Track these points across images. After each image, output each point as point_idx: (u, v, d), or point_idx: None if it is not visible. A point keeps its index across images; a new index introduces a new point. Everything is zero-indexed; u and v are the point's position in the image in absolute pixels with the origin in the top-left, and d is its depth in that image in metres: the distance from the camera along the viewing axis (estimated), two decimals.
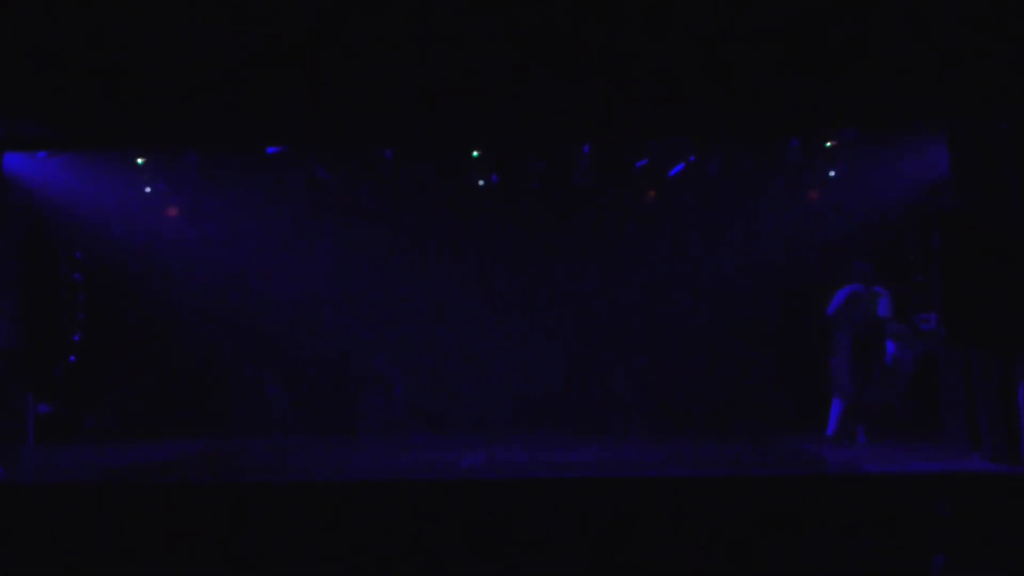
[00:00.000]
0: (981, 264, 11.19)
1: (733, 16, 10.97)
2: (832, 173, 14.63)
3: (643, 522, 9.60)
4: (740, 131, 13.26)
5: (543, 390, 15.66)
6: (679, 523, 9.60)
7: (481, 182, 15.32)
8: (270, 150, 14.23)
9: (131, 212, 15.40)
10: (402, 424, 15.42)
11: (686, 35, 11.12)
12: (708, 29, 11.07)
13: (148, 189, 15.17)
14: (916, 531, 9.35)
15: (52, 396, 14.82)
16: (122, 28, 11.13)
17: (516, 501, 9.81)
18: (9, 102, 11.58)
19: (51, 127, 12.11)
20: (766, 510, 9.64)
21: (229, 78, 11.42)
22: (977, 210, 11.56)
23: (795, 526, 9.52)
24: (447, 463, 11.84)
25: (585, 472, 10.80)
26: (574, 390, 15.66)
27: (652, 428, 15.10)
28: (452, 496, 9.90)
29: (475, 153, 14.54)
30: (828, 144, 14.04)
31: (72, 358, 15.44)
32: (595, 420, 15.36)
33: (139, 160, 14.55)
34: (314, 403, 15.69)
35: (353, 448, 13.72)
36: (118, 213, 15.31)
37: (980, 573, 8.89)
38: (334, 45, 11.29)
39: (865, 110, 11.76)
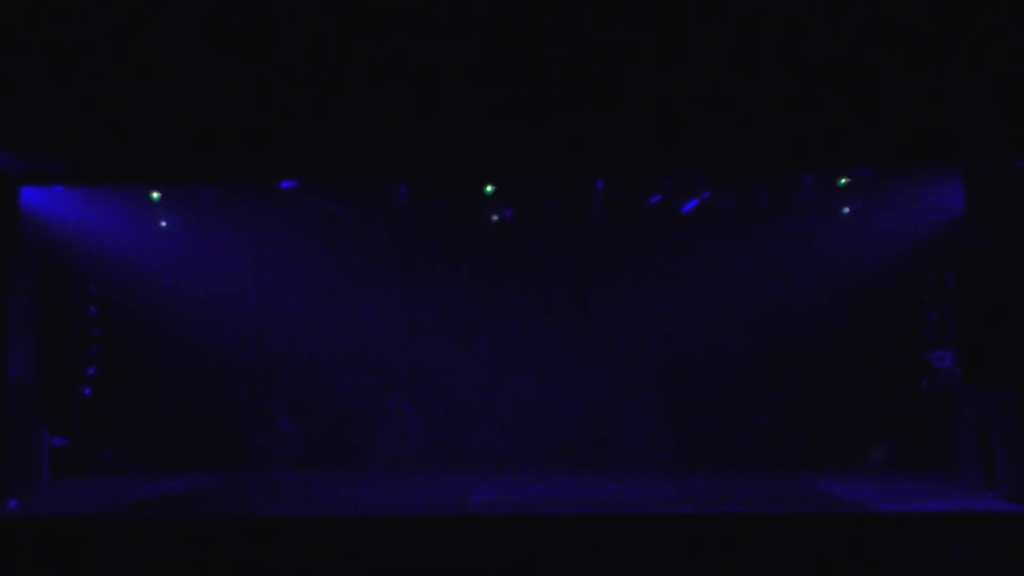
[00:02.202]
0: (997, 302, 11.18)
1: (747, 54, 11.03)
2: (846, 210, 14.62)
3: (656, 559, 9.57)
4: (755, 167, 13.27)
5: (557, 425, 15.61)
6: (692, 560, 9.56)
7: (495, 217, 15.34)
8: (284, 185, 14.29)
9: (146, 246, 15.45)
10: (415, 459, 15.39)
11: (701, 70, 11.17)
12: (723, 65, 11.12)
13: (164, 223, 15.24)
14: (930, 572, 9.30)
15: (67, 429, 14.81)
16: (137, 65, 11.23)
17: (529, 536, 9.79)
18: (26, 138, 11.68)
19: (67, 162, 12.19)
20: (779, 549, 9.60)
21: (244, 113, 11.51)
22: (993, 248, 11.55)
23: (808, 565, 9.47)
24: (460, 498, 11.82)
25: (598, 508, 10.76)
26: (588, 425, 15.61)
27: (666, 464, 15.04)
28: (465, 531, 9.88)
29: (489, 189, 14.57)
30: (842, 181, 14.03)
31: (87, 391, 15.46)
32: (609, 455, 15.31)
33: (154, 194, 14.61)
34: (327, 438, 15.67)
35: (366, 483, 13.69)
36: (133, 247, 15.36)
37: None
38: (349, 80, 11.37)
39: (880, 148, 11.77)
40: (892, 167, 13.29)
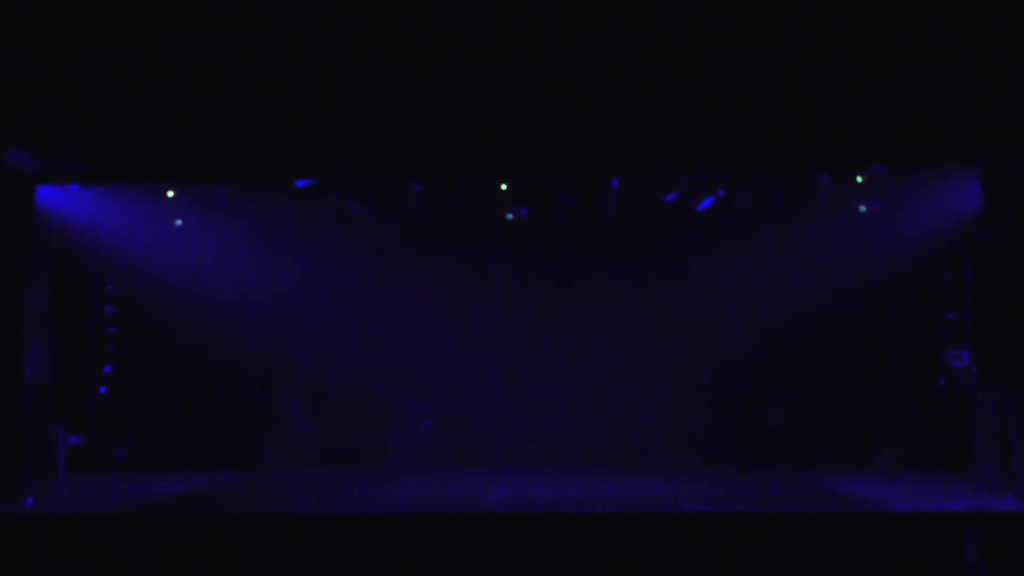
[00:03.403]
0: (1014, 301, 11.11)
1: (764, 51, 11.00)
2: (863, 208, 14.55)
3: (671, 558, 9.54)
4: (770, 165, 13.23)
5: (570, 424, 15.59)
6: (706, 559, 9.54)
7: (510, 216, 15.31)
8: (299, 184, 14.30)
9: (162, 245, 15.47)
10: (429, 458, 15.39)
11: (716, 69, 11.14)
12: (738, 64, 11.09)
13: (179, 222, 15.25)
14: (947, 571, 9.25)
15: (83, 427, 14.87)
16: (152, 65, 11.25)
17: (544, 535, 9.77)
18: (42, 137, 11.71)
19: (83, 161, 12.21)
20: (794, 548, 9.56)
21: (259, 112, 11.52)
22: (1010, 246, 11.48)
23: (824, 564, 9.43)
24: (473, 497, 11.82)
25: (613, 507, 10.74)
26: (601, 424, 15.59)
27: (679, 463, 15.00)
28: (479, 530, 9.87)
29: (504, 187, 14.57)
30: (859, 179, 13.97)
31: (103, 390, 15.51)
32: (622, 454, 15.29)
33: (169, 193, 14.66)
34: (342, 437, 15.68)
35: (380, 482, 13.71)
36: (149, 246, 15.39)
37: None
38: (362, 79, 11.37)
39: (896, 145, 11.71)
40: (909, 165, 13.23)
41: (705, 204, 14.90)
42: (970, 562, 7.81)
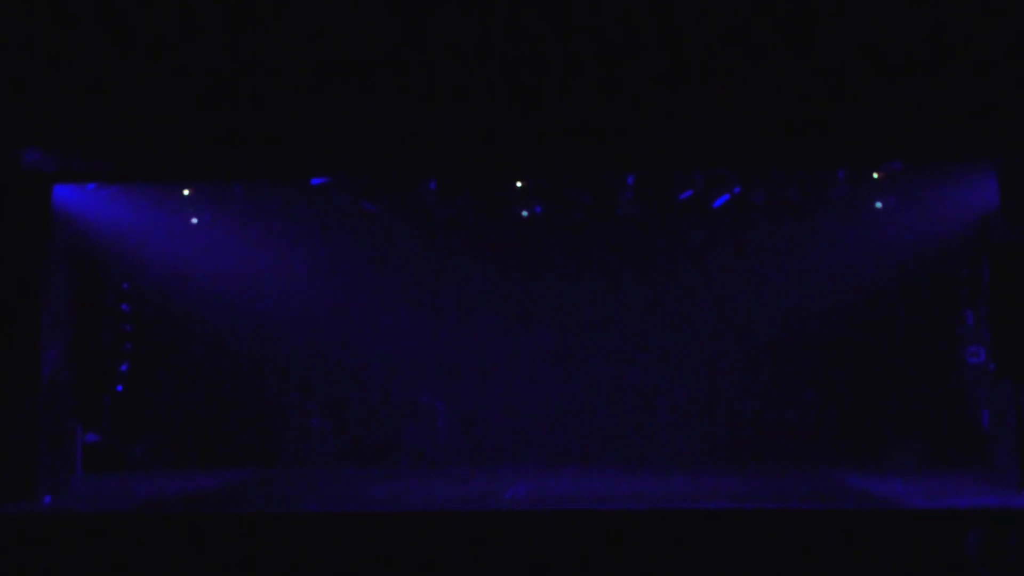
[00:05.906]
0: None
1: (781, 48, 10.97)
2: (879, 205, 14.52)
3: (685, 555, 9.53)
4: (786, 162, 13.20)
5: (587, 421, 15.59)
6: (722, 556, 9.52)
7: (525, 213, 15.32)
8: (314, 181, 14.32)
9: (178, 243, 15.51)
10: (444, 455, 15.40)
11: (732, 64, 11.11)
12: (755, 59, 11.06)
13: (194, 220, 15.30)
14: (963, 568, 9.22)
15: (100, 425, 14.94)
16: (167, 64, 11.27)
17: (559, 532, 9.77)
18: (59, 136, 11.74)
19: (99, 160, 12.25)
20: (810, 545, 9.54)
21: (274, 110, 11.53)
22: None
23: (840, 562, 9.41)
24: (490, 494, 11.82)
25: (628, 504, 10.73)
26: (617, 421, 15.58)
27: (696, 459, 14.99)
28: (495, 527, 9.87)
29: (519, 184, 14.57)
30: (875, 176, 13.93)
31: (120, 388, 15.56)
32: (639, 451, 15.27)
33: (185, 191, 14.69)
34: (357, 434, 15.71)
35: (396, 479, 13.72)
36: (165, 244, 15.43)
37: None
38: (377, 76, 11.37)
39: (913, 141, 11.68)
40: (926, 161, 13.18)
41: (721, 201, 14.87)
42: (972, 562, 7.79)
